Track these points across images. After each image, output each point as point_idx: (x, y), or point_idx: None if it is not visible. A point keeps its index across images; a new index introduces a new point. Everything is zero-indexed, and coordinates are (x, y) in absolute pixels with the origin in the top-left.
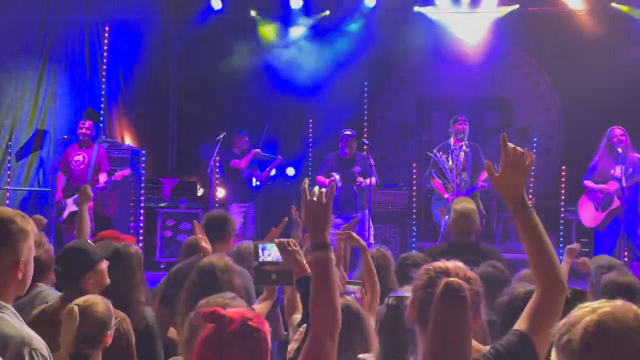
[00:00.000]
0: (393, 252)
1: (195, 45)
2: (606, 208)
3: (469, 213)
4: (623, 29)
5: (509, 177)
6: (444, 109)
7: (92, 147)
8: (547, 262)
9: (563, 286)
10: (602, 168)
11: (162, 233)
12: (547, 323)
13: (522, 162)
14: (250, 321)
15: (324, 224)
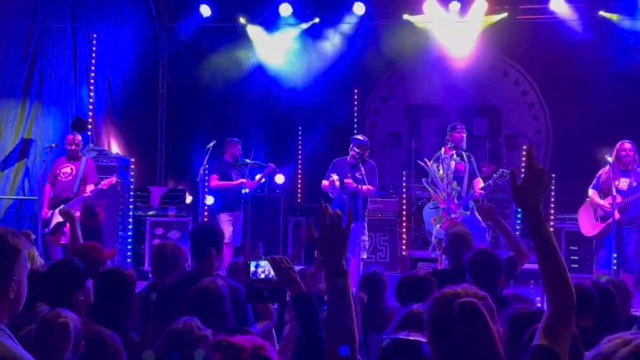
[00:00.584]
0: (382, 260)
1: (185, 52)
2: (605, 220)
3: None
4: (611, 38)
5: (529, 189)
6: (432, 116)
7: (81, 159)
8: (560, 277)
9: (574, 300)
10: (608, 178)
11: (150, 242)
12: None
13: (544, 178)
14: (260, 349)
15: (342, 251)
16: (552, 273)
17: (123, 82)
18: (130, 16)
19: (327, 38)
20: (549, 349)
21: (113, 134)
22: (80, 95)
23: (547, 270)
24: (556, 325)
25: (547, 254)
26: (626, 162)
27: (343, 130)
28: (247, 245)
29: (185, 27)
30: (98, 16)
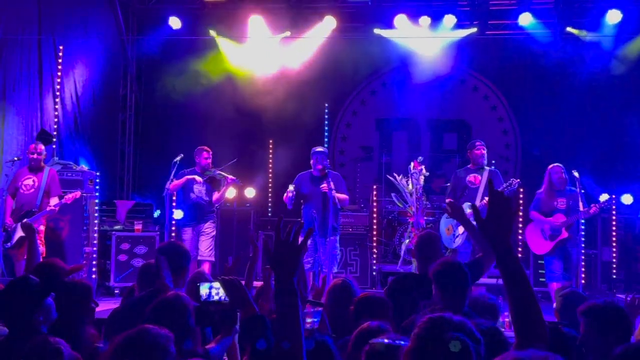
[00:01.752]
0: (353, 274)
1: (154, 65)
2: (555, 238)
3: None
4: (578, 53)
5: (494, 222)
6: (403, 130)
7: (43, 170)
8: (531, 313)
9: (545, 334)
10: (547, 200)
11: (116, 257)
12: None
13: (508, 208)
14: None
15: (293, 269)
16: (521, 305)
17: (91, 95)
18: (99, 28)
19: (297, 51)
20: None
21: (80, 148)
22: (45, 108)
23: (516, 303)
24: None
25: (518, 289)
26: (560, 184)
27: (314, 144)
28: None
29: (155, 39)
30: (65, 28)
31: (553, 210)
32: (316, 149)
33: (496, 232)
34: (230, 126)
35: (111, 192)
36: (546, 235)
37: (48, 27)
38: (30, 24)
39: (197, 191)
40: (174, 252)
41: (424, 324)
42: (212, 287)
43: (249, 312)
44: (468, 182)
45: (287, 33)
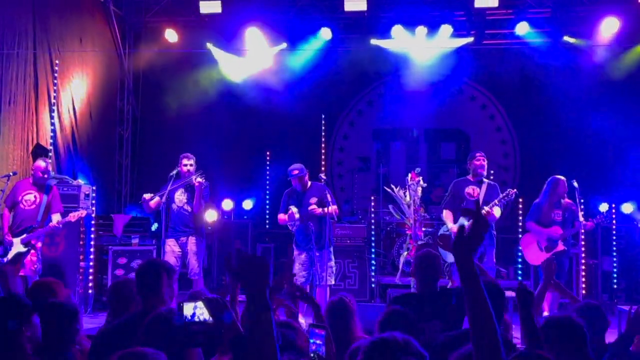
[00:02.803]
0: (351, 287)
1: (151, 78)
2: (550, 250)
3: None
4: (575, 62)
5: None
6: (401, 140)
7: (47, 187)
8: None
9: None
10: (545, 211)
11: (113, 272)
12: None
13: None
14: None
15: (264, 283)
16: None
17: (87, 108)
18: (95, 41)
19: (294, 63)
20: None
21: (77, 162)
22: (41, 121)
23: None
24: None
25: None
26: (557, 195)
27: (311, 154)
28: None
29: (151, 52)
30: (61, 41)
31: (551, 221)
32: (291, 172)
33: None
34: (227, 138)
35: (109, 206)
36: (542, 247)
37: (44, 41)
38: (26, 38)
39: (177, 201)
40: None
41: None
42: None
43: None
44: (466, 194)
45: (284, 45)
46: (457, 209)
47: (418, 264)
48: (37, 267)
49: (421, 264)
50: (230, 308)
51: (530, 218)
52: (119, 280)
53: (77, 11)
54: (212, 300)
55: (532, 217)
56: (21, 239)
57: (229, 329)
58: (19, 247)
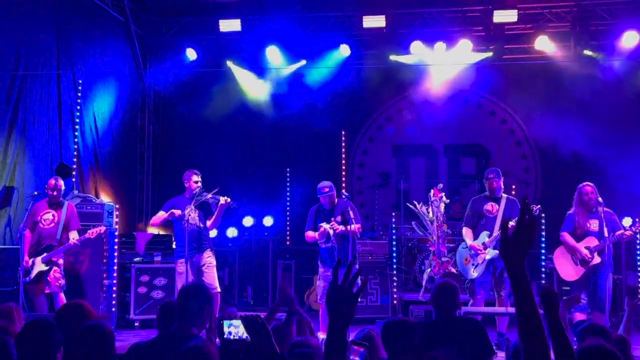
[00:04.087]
0: (373, 303)
1: (171, 96)
2: (586, 263)
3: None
4: (595, 76)
5: (518, 242)
6: (421, 156)
7: (62, 205)
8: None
9: None
10: (579, 222)
11: (136, 289)
12: None
13: (532, 232)
14: None
15: (348, 319)
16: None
17: (109, 127)
18: (116, 60)
19: (313, 80)
20: None
21: (99, 180)
22: (65, 141)
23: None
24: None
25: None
26: (590, 205)
27: (331, 171)
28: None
29: (171, 70)
30: (83, 61)
31: (586, 232)
32: (322, 189)
33: (515, 254)
34: (247, 155)
35: (130, 224)
36: (576, 260)
37: (67, 62)
38: (50, 59)
39: (191, 219)
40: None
41: None
42: (231, 325)
43: (270, 351)
44: (485, 211)
45: (303, 62)
46: (476, 226)
47: (435, 294)
48: (61, 283)
49: (438, 294)
50: (268, 327)
51: (563, 229)
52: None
53: (99, 31)
54: (250, 318)
55: (565, 228)
56: (42, 257)
57: (266, 348)
58: (41, 266)
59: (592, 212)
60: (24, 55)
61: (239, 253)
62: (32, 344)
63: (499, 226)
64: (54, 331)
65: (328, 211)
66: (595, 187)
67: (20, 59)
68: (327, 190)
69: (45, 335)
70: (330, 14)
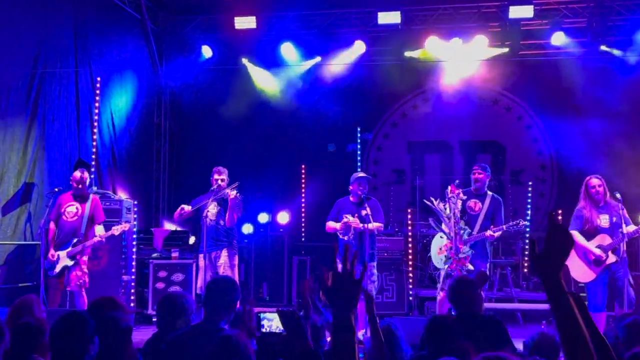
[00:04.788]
0: (389, 300)
1: (187, 93)
2: (600, 263)
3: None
4: (613, 72)
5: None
6: (436, 153)
7: (87, 198)
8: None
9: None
10: (589, 218)
11: (154, 285)
12: None
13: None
14: None
15: (352, 304)
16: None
17: (126, 124)
18: (133, 58)
19: (328, 77)
20: None
21: (117, 177)
22: (83, 138)
23: (568, 345)
24: None
25: (567, 327)
26: (598, 199)
27: (346, 167)
28: None
29: (187, 68)
30: (100, 59)
31: (596, 229)
32: (358, 175)
33: (548, 266)
34: (262, 152)
35: (147, 220)
36: (590, 260)
37: (85, 59)
38: (67, 57)
39: (210, 215)
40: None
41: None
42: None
43: (304, 346)
44: (468, 208)
45: (318, 59)
46: None
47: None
48: (82, 282)
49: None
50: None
51: (571, 228)
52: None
53: (116, 29)
54: (286, 312)
55: (574, 226)
56: (67, 252)
57: (300, 342)
58: (66, 261)
59: (601, 207)
60: (43, 53)
61: (255, 249)
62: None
63: (480, 224)
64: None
65: (354, 204)
66: (603, 180)
67: (40, 57)
68: (363, 175)
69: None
70: (345, 11)
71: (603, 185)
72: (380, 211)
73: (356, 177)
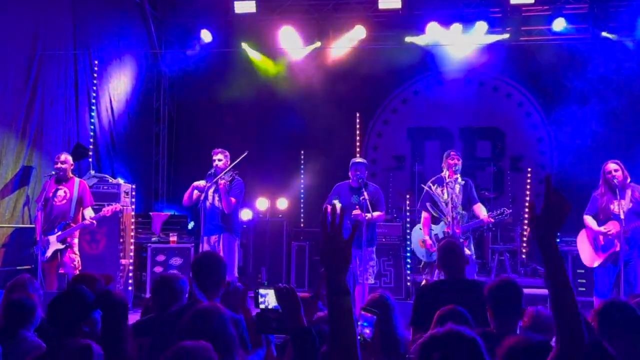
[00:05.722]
0: (387, 285)
1: (187, 77)
2: (607, 250)
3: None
4: (613, 58)
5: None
6: (436, 139)
7: (73, 181)
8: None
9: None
10: (603, 204)
11: (152, 269)
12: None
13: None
14: None
15: (343, 267)
16: (561, 308)
17: (125, 108)
18: (132, 42)
19: (328, 62)
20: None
21: (115, 161)
22: (82, 122)
23: (556, 305)
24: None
25: (557, 289)
26: (614, 185)
27: (345, 153)
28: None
29: (186, 52)
30: (99, 42)
31: (608, 216)
32: (355, 160)
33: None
34: (261, 137)
35: (146, 204)
36: (598, 246)
37: (83, 42)
38: (66, 40)
39: (210, 198)
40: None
41: None
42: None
43: (297, 323)
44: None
45: (318, 43)
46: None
47: (441, 255)
48: (76, 263)
49: (444, 254)
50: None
51: (586, 211)
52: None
53: (115, 12)
54: (282, 289)
55: (588, 210)
56: (57, 236)
57: (294, 319)
58: (57, 245)
59: (620, 192)
60: (42, 36)
61: (254, 235)
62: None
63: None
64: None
65: (353, 189)
66: (621, 165)
67: (38, 40)
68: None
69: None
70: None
71: (620, 170)
72: (382, 200)
73: (352, 163)
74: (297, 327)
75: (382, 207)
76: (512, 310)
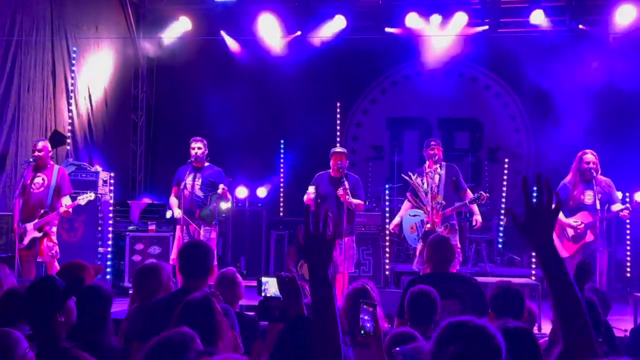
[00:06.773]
0: (366, 274)
1: (165, 65)
2: (578, 240)
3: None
4: (590, 50)
5: (535, 224)
6: (414, 129)
7: (51, 168)
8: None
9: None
10: (573, 193)
11: (130, 257)
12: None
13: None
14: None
15: (325, 261)
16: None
17: (103, 95)
18: (110, 29)
19: (308, 51)
20: None
21: (93, 149)
22: (59, 109)
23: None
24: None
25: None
26: (589, 176)
27: (325, 143)
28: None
29: (165, 39)
30: (77, 28)
31: (579, 206)
32: (336, 150)
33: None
34: (241, 126)
35: (124, 193)
36: (569, 236)
37: (61, 28)
38: (44, 26)
39: (189, 186)
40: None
41: None
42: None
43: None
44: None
45: (298, 33)
46: None
47: (431, 249)
48: (54, 252)
49: (434, 248)
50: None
51: None
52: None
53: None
54: (284, 277)
55: None
56: (34, 224)
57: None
58: (34, 233)
59: (590, 183)
60: (19, 22)
61: (233, 224)
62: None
63: None
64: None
65: (333, 179)
66: (597, 157)
67: (15, 25)
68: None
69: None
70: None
71: (596, 162)
72: (361, 189)
73: (332, 152)
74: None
75: (361, 196)
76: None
